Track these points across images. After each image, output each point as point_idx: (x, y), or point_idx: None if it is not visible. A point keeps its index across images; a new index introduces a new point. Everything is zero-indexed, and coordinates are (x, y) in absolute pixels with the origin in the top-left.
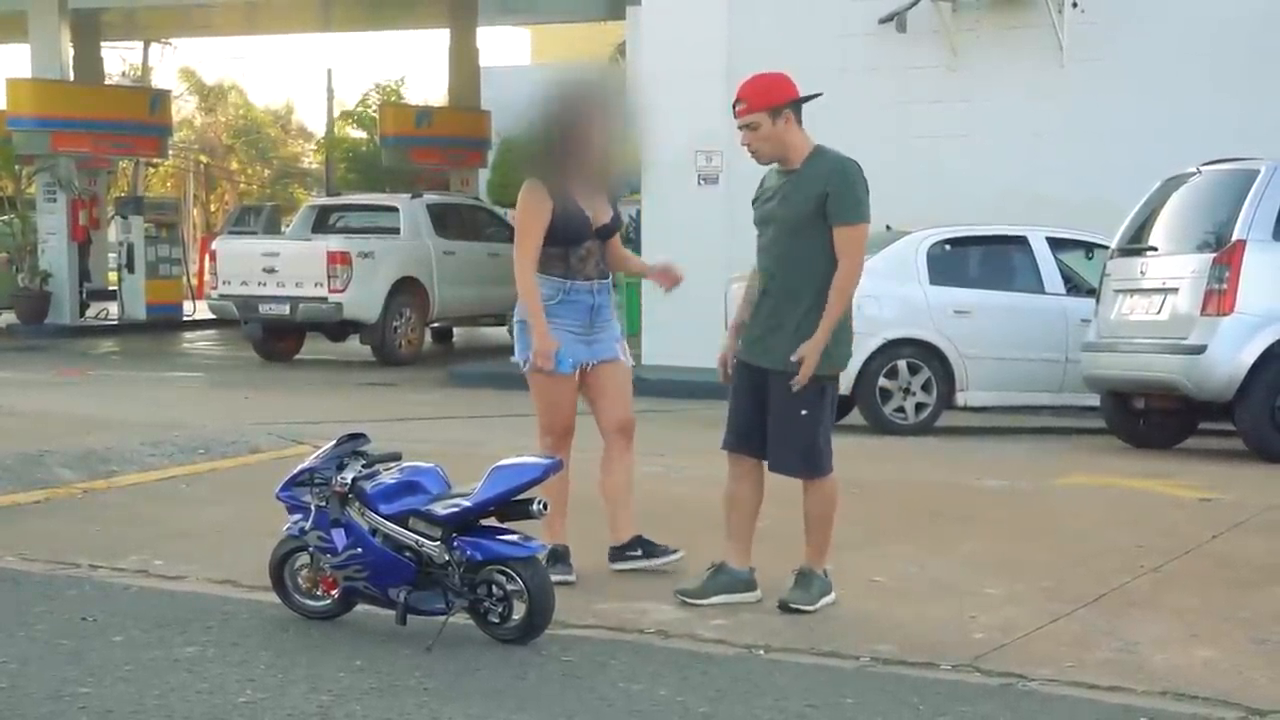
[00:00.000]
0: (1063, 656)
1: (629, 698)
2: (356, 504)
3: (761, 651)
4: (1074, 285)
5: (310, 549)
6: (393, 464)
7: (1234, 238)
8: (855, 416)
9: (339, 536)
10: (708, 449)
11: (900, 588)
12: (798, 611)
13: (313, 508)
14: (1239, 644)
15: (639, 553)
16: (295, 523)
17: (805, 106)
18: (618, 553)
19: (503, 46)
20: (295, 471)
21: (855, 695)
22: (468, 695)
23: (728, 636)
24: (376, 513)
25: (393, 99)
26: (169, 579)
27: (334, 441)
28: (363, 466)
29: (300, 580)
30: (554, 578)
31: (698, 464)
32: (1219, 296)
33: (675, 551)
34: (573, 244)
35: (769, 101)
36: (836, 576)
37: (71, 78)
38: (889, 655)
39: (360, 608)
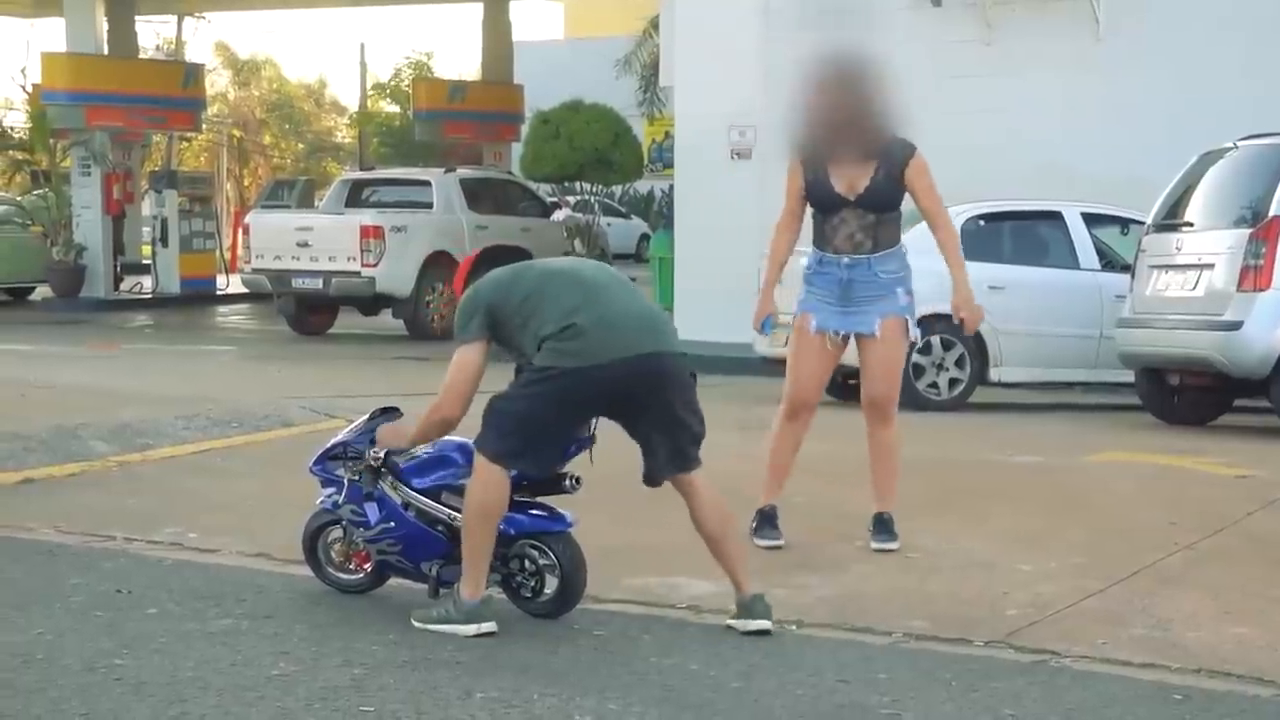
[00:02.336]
0: (1096, 633)
1: (661, 672)
2: (389, 478)
3: (794, 627)
4: (1109, 261)
5: (343, 523)
6: None
7: (1271, 213)
8: None
9: (372, 510)
10: (756, 426)
11: (933, 564)
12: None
13: (346, 481)
14: (1273, 621)
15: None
16: (328, 496)
17: None
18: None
19: (536, 21)
20: (328, 445)
21: (887, 671)
22: (500, 669)
23: None
24: (409, 487)
25: (421, 73)
26: (203, 552)
27: (367, 415)
28: None
29: (333, 554)
30: (761, 542)
31: (744, 440)
32: (1255, 272)
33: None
34: (825, 213)
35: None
36: (867, 552)
37: (106, 52)
38: (921, 631)
39: (393, 581)
